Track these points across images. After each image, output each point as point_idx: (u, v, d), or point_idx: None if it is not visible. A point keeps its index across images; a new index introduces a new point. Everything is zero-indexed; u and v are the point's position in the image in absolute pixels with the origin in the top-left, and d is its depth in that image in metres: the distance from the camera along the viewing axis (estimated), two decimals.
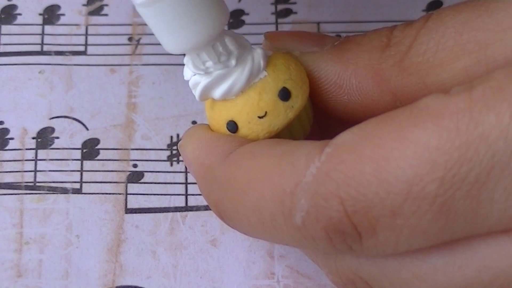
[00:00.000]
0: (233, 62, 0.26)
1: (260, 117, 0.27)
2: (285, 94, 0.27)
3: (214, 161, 0.26)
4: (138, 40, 0.37)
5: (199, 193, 0.33)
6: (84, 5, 0.38)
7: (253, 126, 0.27)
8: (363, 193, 0.23)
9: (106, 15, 0.37)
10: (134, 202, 0.34)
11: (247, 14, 0.37)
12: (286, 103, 0.27)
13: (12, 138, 0.35)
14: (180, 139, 0.29)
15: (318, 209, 0.23)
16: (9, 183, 0.34)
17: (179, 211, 0.33)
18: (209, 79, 0.27)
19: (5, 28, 0.37)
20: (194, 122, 0.35)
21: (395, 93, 0.27)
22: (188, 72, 0.28)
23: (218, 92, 0.27)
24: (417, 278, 0.25)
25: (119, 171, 0.34)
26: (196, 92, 0.27)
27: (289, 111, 0.27)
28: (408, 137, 0.22)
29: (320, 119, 0.30)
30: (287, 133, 0.27)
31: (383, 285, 0.26)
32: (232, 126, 0.27)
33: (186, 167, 0.34)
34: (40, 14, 0.37)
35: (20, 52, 0.36)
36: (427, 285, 0.25)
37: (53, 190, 0.34)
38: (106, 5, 0.38)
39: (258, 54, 0.27)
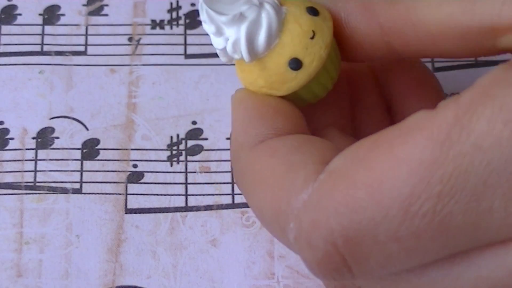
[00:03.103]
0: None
1: (311, 38, 0.27)
2: (313, 11, 0.27)
3: (245, 142, 0.27)
4: (138, 40, 0.37)
5: (199, 193, 0.34)
6: (84, 5, 0.38)
7: (312, 49, 0.27)
8: (356, 220, 0.22)
9: (106, 15, 0.37)
10: (134, 202, 0.34)
11: None
12: (320, 16, 0.27)
13: (12, 138, 0.35)
14: (235, 92, 0.29)
15: (304, 237, 0.23)
16: (9, 183, 0.34)
17: (179, 211, 0.33)
18: (245, 31, 0.27)
19: (5, 28, 0.37)
20: (194, 123, 0.35)
21: (383, 26, 0.27)
22: (219, 40, 0.28)
23: (261, 41, 0.27)
24: None
25: (119, 171, 0.34)
26: (243, 50, 0.27)
27: (327, 21, 0.27)
28: (400, 155, 0.22)
29: None
30: (333, 54, 0.28)
31: None
32: (295, 63, 0.27)
33: (185, 167, 0.34)
34: (40, 14, 0.37)
35: (20, 52, 0.36)
36: None
37: (53, 190, 0.34)
38: (106, 5, 0.38)
39: None
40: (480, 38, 0.24)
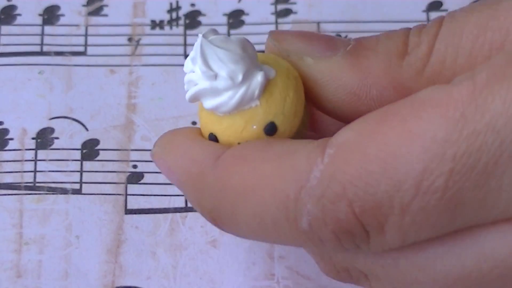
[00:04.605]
0: (239, 76, 0.25)
1: (239, 144, 0.26)
2: (271, 130, 0.26)
3: (203, 167, 0.26)
4: (138, 41, 0.37)
5: None
6: (84, 5, 0.38)
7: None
8: (371, 193, 0.22)
9: (106, 15, 0.37)
10: (134, 202, 0.34)
11: (247, 14, 0.37)
12: (271, 137, 0.26)
13: (11, 139, 0.35)
14: (153, 147, 0.28)
15: (325, 212, 0.23)
16: (8, 183, 0.34)
17: (179, 212, 0.33)
18: (204, 86, 0.26)
19: (5, 29, 0.37)
20: (194, 123, 0.35)
21: None
22: (189, 65, 0.26)
23: (206, 103, 0.26)
24: (415, 267, 0.25)
25: (119, 171, 0.34)
26: (188, 93, 0.26)
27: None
28: (414, 130, 0.22)
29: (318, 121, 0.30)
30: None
31: (378, 274, 0.26)
32: (213, 139, 0.26)
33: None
34: (40, 15, 0.37)
35: (19, 52, 0.36)
36: (425, 275, 0.24)
37: (53, 190, 0.34)
38: (106, 5, 0.38)
39: (256, 81, 0.25)
40: None
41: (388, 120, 0.23)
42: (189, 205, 0.33)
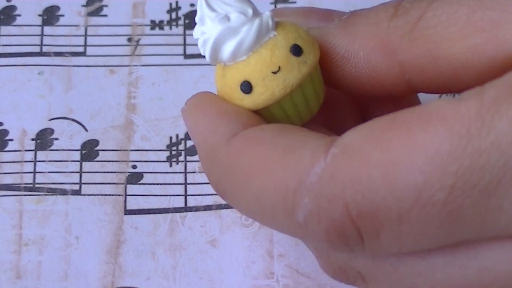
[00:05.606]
0: (250, 11, 0.26)
1: (274, 72, 0.26)
2: (297, 50, 0.26)
3: (217, 141, 0.26)
4: (138, 41, 0.37)
5: (198, 193, 0.33)
6: (83, 6, 0.38)
7: (268, 83, 0.26)
8: (369, 198, 0.22)
9: (105, 16, 0.37)
10: (133, 203, 0.34)
11: None
12: (299, 58, 0.26)
13: (11, 140, 0.35)
14: (185, 104, 0.28)
15: (320, 210, 0.23)
16: (8, 184, 0.34)
17: (179, 212, 0.33)
18: (221, 30, 0.26)
19: (5, 29, 0.37)
20: None
21: (403, 64, 0.26)
22: (198, 29, 0.27)
23: (227, 50, 0.26)
24: (415, 274, 0.24)
25: (118, 172, 0.34)
26: (207, 50, 0.27)
27: (302, 66, 0.26)
28: (419, 142, 0.22)
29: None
30: (301, 97, 0.27)
31: (376, 276, 0.25)
32: (246, 86, 0.27)
33: (185, 167, 0.34)
34: (39, 15, 0.37)
35: (19, 53, 0.37)
36: (424, 282, 0.24)
37: (52, 191, 0.34)
38: (106, 5, 0.38)
39: (266, 15, 0.26)
40: (505, 69, 0.24)
41: (395, 128, 0.23)
42: (188, 205, 0.33)
